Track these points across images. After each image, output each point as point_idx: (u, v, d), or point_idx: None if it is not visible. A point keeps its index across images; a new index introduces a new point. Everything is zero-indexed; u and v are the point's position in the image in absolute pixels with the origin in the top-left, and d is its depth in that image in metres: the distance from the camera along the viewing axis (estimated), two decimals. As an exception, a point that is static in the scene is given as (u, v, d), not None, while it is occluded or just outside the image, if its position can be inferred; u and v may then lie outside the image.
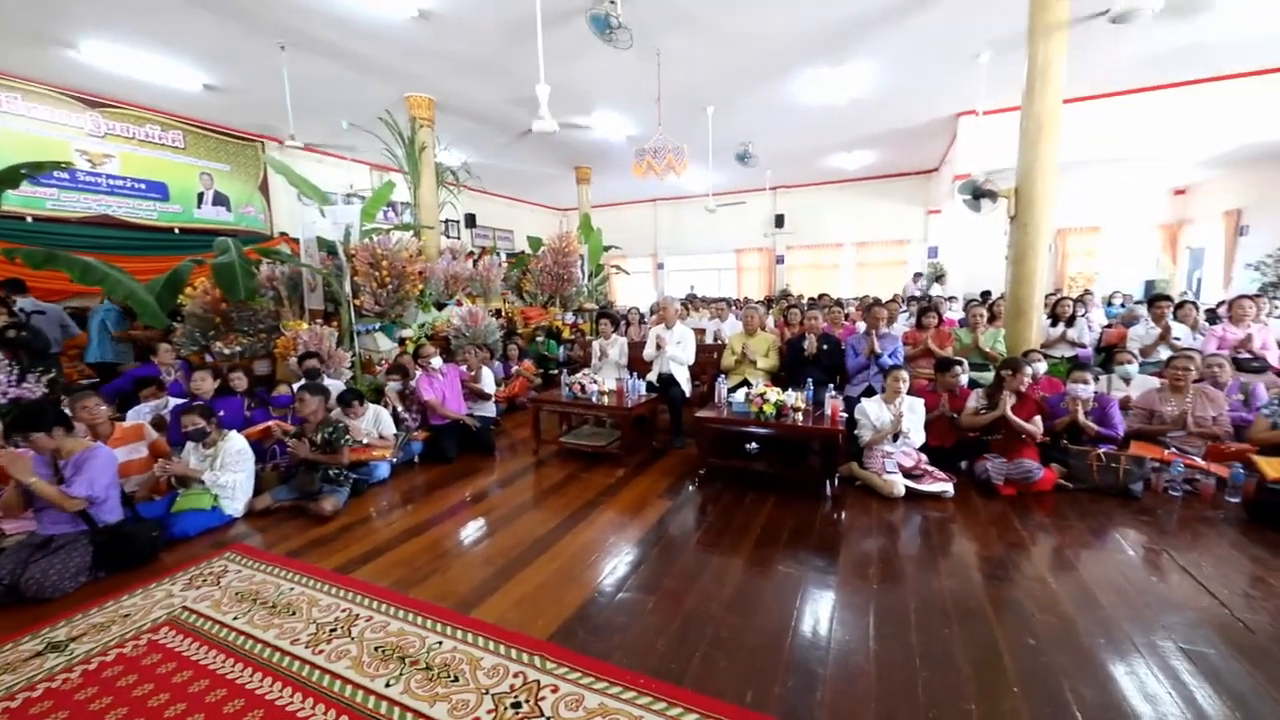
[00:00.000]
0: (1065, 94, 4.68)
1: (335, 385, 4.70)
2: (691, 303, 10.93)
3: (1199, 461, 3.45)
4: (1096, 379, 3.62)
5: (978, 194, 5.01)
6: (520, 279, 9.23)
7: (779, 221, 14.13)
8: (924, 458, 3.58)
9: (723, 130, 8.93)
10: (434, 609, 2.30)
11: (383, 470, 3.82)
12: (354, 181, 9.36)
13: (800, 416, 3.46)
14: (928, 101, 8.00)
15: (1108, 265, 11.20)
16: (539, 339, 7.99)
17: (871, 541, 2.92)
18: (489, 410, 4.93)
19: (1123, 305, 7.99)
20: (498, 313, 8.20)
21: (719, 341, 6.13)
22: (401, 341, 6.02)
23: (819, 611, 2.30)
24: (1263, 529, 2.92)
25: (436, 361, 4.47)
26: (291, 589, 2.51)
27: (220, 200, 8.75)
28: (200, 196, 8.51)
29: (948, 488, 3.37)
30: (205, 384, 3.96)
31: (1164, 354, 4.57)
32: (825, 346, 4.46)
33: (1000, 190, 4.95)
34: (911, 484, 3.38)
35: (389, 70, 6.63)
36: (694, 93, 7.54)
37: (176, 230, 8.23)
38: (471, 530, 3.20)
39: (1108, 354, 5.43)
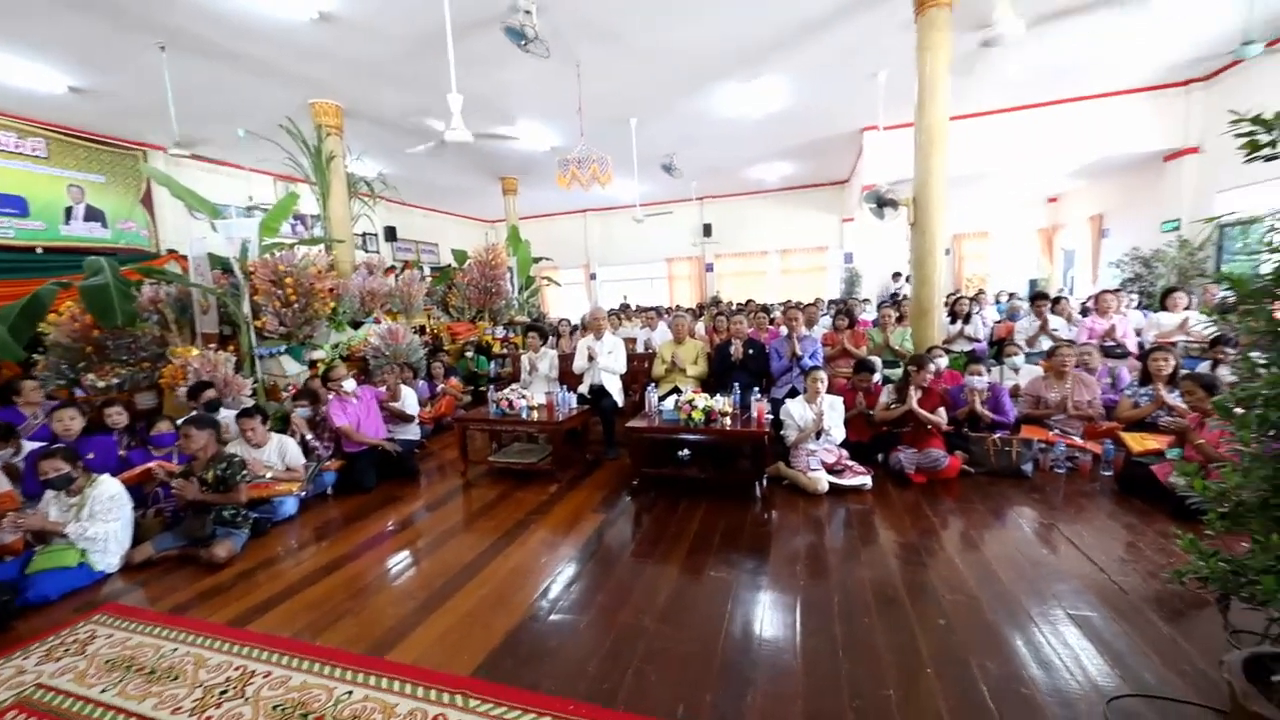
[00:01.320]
0: (952, 111, 5.12)
1: (228, 415, 4.29)
2: (625, 312, 11.01)
3: (1078, 441, 3.83)
4: (989, 370, 3.95)
5: (881, 203, 5.37)
6: (446, 294, 8.88)
7: (707, 231, 14.52)
8: (845, 453, 3.74)
9: (647, 142, 9.07)
10: (344, 656, 2.12)
11: (289, 506, 3.50)
12: (255, 193, 8.67)
13: (728, 421, 3.52)
14: (835, 117, 8.51)
15: (998, 267, 12.38)
16: (468, 355, 7.71)
17: (798, 539, 3.00)
18: (412, 433, 4.67)
19: (1010, 300, 8.80)
20: (421, 330, 7.85)
21: (650, 350, 6.17)
22: (312, 364, 5.60)
23: (749, 614, 2.32)
24: (1131, 499, 3.28)
25: (349, 384, 4.19)
26: (174, 650, 2.23)
27: (94, 215, 7.84)
28: (69, 211, 7.58)
29: (866, 480, 3.54)
30: (71, 424, 3.49)
31: (1046, 345, 5.06)
32: (751, 351, 4.59)
33: (900, 199, 5.33)
34: (834, 479, 3.52)
35: (289, 75, 6.22)
36: (616, 104, 7.61)
37: (39, 249, 7.28)
38: (391, 563, 3.00)
39: (999, 347, 5.95)
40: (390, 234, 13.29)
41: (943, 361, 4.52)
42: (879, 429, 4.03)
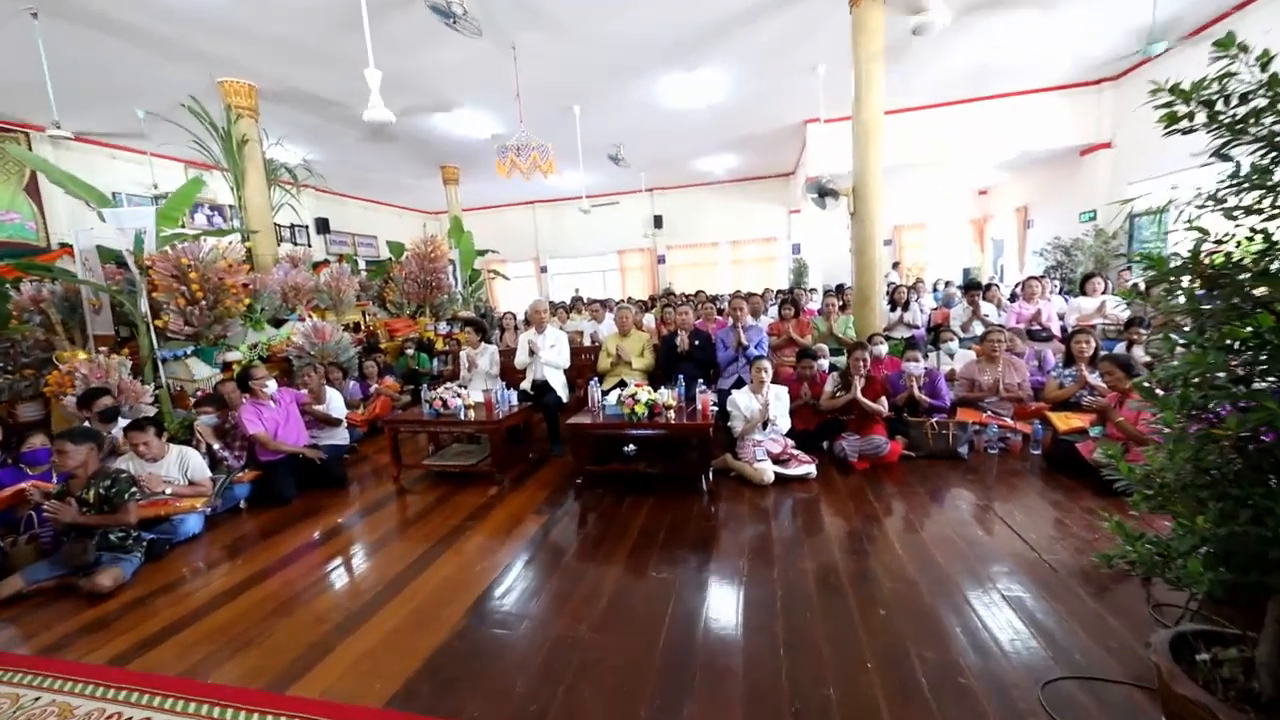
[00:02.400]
0: (887, 105, 5.20)
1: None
2: (576, 305, 10.76)
3: (1009, 422, 3.96)
4: (926, 356, 4.03)
5: (823, 193, 5.40)
6: (383, 288, 8.41)
7: (658, 222, 14.44)
8: (790, 442, 3.73)
9: (592, 131, 8.85)
10: (237, 693, 1.88)
11: (192, 524, 3.15)
12: (162, 181, 7.90)
13: (672, 414, 3.42)
14: (778, 109, 8.56)
15: (934, 256, 12.89)
16: (409, 353, 7.32)
17: (743, 532, 2.94)
18: (340, 437, 4.35)
19: (946, 288, 9.16)
20: (356, 326, 7.40)
21: (596, 344, 6.01)
22: (227, 366, 5.14)
23: (691, 615, 2.23)
24: (1058, 475, 3.40)
25: (271, 386, 3.83)
26: (36, 699, 1.93)
27: (-35, 205, 6.93)
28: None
29: (811, 469, 3.53)
30: (-81, 442, 3.01)
31: (978, 330, 5.24)
32: (697, 342, 4.51)
33: (841, 190, 5.38)
34: (780, 469, 3.49)
35: (192, 51, 5.64)
36: (558, 92, 7.37)
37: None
38: (307, 582, 2.73)
39: (935, 333, 6.14)
40: (323, 226, 12.50)
41: (883, 348, 4.59)
42: (824, 417, 4.04)
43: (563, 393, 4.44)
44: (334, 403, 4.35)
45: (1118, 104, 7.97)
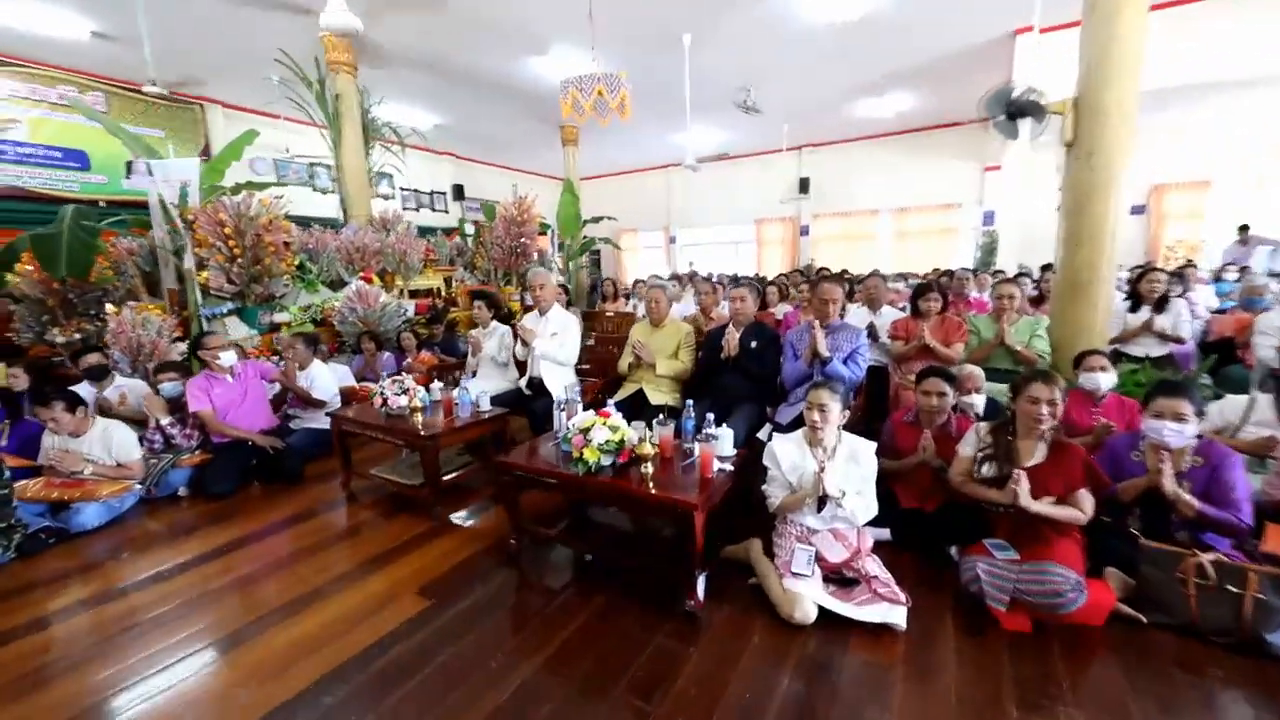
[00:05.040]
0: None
1: (135, 385, 3.69)
2: (691, 281, 9.34)
3: None
4: (1201, 411, 2.00)
5: (1014, 109, 3.31)
6: (474, 253, 8.03)
7: (803, 186, 12.21)
8: (868, 542, 2.09)
9: (710, 69, 7.30)
10: None
11: (89, 516, 2.71)
12: (291, 145, 8.40)
13: (650, 468, 2.03)
14: (971, 15, 6.04)
15: (1219, 232, 8.62)
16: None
17: (718, 732, 1.52)
18: (321, 421, 3.76)
19: (1243, 277, 5.74)
20: (433, 292, 7.08)
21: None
22: (275, 328, 4.97)
23: None
24: None
25: (227, 357, 3.31)
26: None
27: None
28: (130, 165, 7.76)
29: (895, 615, 1.86)
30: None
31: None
32: (754, 344, 2.96)
33: (1050, 105, 3.23)
34: (833, 603, 1.90)
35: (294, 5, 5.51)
36: (661, 16, 5.99)
37: (102, 203, 7.53)
38: (126, 622, 2.04)
39: (1221, 355, 3.63)
40: (458, 192, 12.88)
41: (1103, 380, 2.54)
42: (955, 498, 2.28)
43: (565, 398, 3.27)
44: (320, 380, 3.76)
45: None
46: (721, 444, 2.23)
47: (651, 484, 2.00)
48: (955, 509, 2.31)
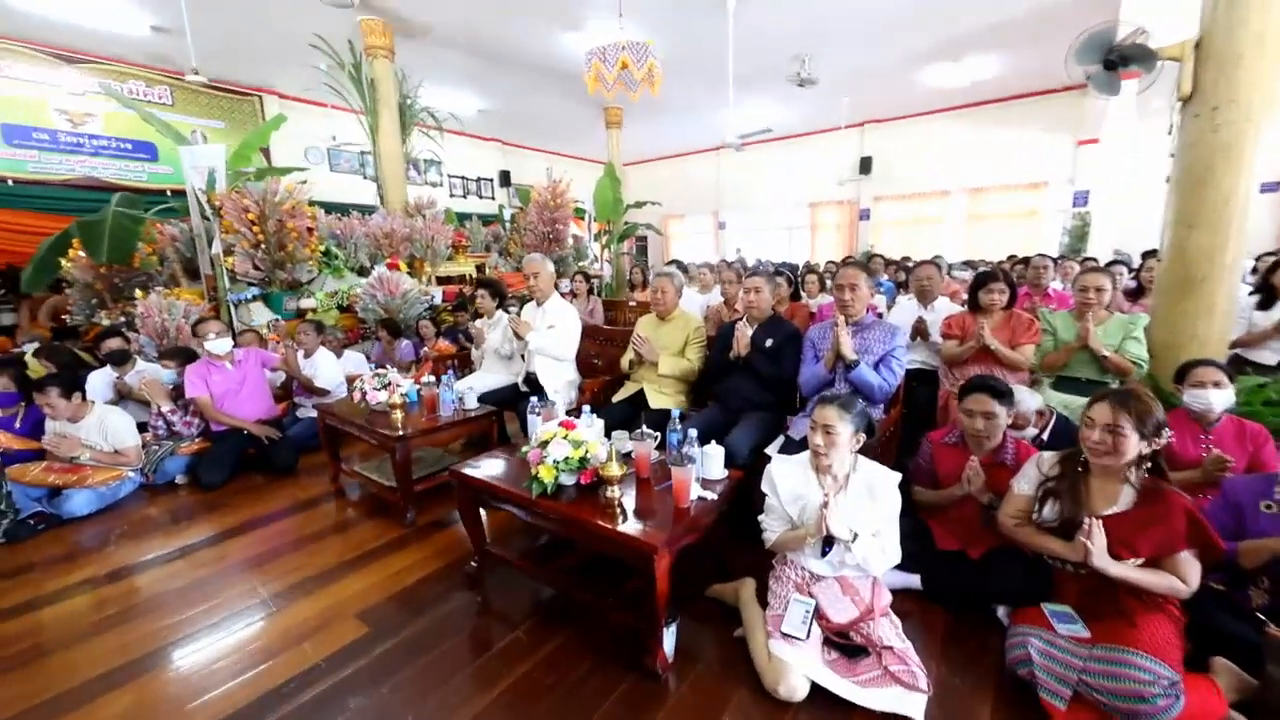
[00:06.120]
0: None
1: (156, 370, 3.75)
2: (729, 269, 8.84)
3: None
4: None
5: (1115, 58, 2.67)
6: (508, 239, 7.90)
7: (865, 166, 11.27)
8: (885, 598, 1.67)
9: (758, 36, 6.71)
10: None
11: (78, 503, 2.71)
12: (337, 133, 8.54)
13: (615, 493, 1.70)
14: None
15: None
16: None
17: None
18: (322, 411, 3.68)
19: None
20: (465, 279, 6.99)
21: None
22: (301, 314, 4.99)
23: None
24: None
25: (220, 345, 3.23)
26: None
27: (215, 160, 8.37)
28: (191, 156, 8.13)
29: (911, 705, 1.43)
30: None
31: None
32: (769, 342, 2.54)
33: (1162, 49, 2.58)
34: (831, 679, 1.50)
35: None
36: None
37: (169, 192, 7.95)
38: (58, 624, 1.96)
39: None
40: (504, 179, 12.85)
41: (1220, 396, 1.96)
42: (1006, 542, 1.81)
43: (559, 396, 2.99)
44: (323, 369, 3.68)
45: None
46: (707, 465, 1.86)
47: (620, 511, 1.67)
48: (1007, 557, 1.84)
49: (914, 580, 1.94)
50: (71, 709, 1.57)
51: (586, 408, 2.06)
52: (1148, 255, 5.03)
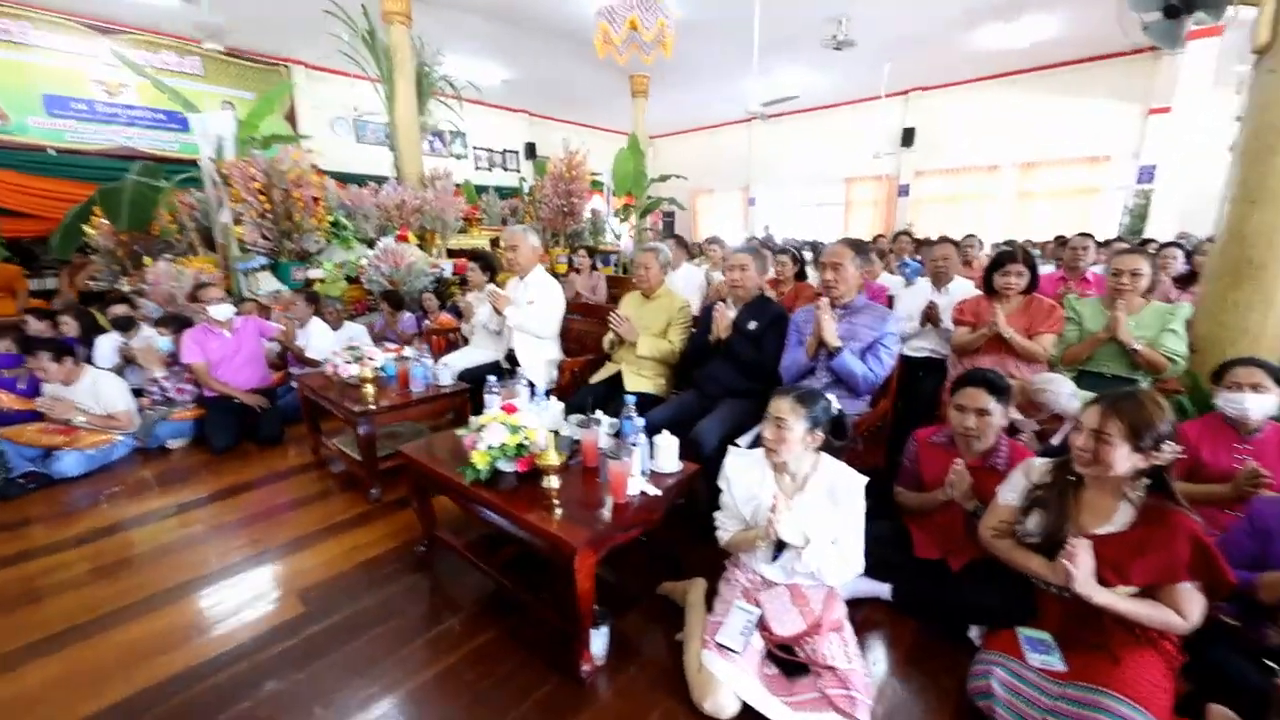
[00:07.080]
0: None
1: (152, 335, 3.83)
2: (761, 248, 8.46)
3: None
4: None
5: (1176, 3, 2.31)
6: (525, 213, 7.78)
7: (907, 138, 10.59)
8: (839, 611, 1.51)
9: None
10: None
11: (69, 464, 2.79)
12: (359, 104, 8.53)
13: (554, 482, 1.59)
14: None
15: None
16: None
17: None
18: (316, 381, 3.69)
19: None
20: (474, 253, 6.93)
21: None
22: (309, 284, 5.04)
23: None
24: None
25: (222, 311, 3.26)
26: None
27: (244, 130, 8.51)
28: (221, 126, 8.28)
29: None
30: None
31: None
32: (752, 325, 2.34)
33: (1238, -13, 2.20)
34: (762, 699, 1.36)
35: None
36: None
37: (196, 162, 8.15)
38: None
39: None
40: (530, 151, 12.68)
41: (1259, 403, 1.68)
42: (986, 555, 1.61)
43: (538, 375, 2.88)
44: (315, 339, 3.68)
45: None
46: (659, 457, 1.72)
47: (553, 504, 1.56)
48: (990, 570, 1.64)
49: (884, 589, 1.77)
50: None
51: (544, 389, 1.93)
52: (1209, 241, 4.51)
